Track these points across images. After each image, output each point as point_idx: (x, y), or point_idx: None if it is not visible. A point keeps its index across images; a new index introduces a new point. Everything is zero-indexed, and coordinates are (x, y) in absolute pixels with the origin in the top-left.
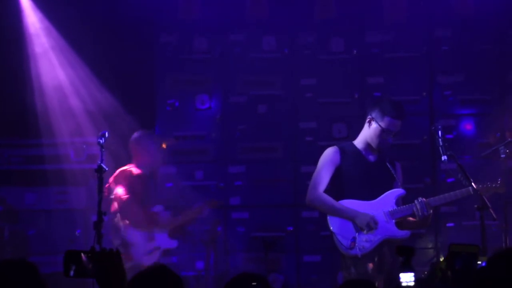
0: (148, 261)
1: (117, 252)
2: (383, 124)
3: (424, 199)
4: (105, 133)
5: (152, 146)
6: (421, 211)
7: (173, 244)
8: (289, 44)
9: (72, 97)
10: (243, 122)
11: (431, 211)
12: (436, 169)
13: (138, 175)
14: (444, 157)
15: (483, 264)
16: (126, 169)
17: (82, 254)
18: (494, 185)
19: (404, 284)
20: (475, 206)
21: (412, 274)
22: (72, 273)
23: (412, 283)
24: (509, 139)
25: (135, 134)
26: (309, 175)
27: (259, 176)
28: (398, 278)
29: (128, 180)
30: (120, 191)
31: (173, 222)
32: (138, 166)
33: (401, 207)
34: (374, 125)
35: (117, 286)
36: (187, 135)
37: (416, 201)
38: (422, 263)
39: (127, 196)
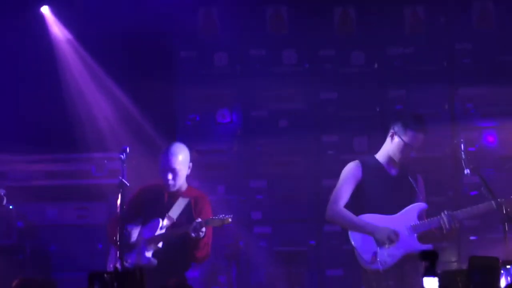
0: None
1: (140, 271)
2: (405, 138)
3: (450, 212)
4: (126, 148)
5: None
6: (448, 224)
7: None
8: (310, 58)
9: (95, 111)
10: (264, 136)
11: (457, 224)
12: (459, 182)
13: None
14: (467, 170)
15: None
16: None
17: (105, 275)
18: None
19: None
20: (499, 219)
21: (437, 279)
22: None
23: None
24: None
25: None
26: (331, 189)
27: (281, 190)
28: (421, 283)
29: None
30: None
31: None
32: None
33: (425, 221)
34: (396, 139)
35: None
36: (208, 149)
37: (442, 214)
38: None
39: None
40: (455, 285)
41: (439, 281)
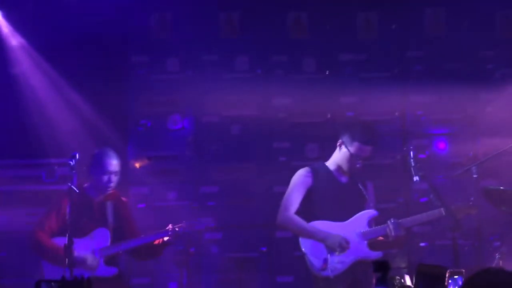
0: None
1: (87, 281)
2: (352, 149)
3: (396, 220)
4: (75, 155)
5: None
6: (394, 232)
7: (108, 271)
8: (262, 64)
9: (48, 116)
10: (216, 142)
11: (403, 232)
12: (409, 189)
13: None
14: (416, 178)
15: (459, 279)
16: None
17: (53, 284)
18: (466, 206)
19: None
20: (448, 226)
21: None
22: None
23: None
24: (481, 159)
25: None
26: (283, 195)
27: (232, 196)
28: None
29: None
30: None
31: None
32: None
33: (374, 228)
34: (344, 149)
35: None
36: (160, 155)
37: (389, 222)
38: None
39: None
40: None
41: None
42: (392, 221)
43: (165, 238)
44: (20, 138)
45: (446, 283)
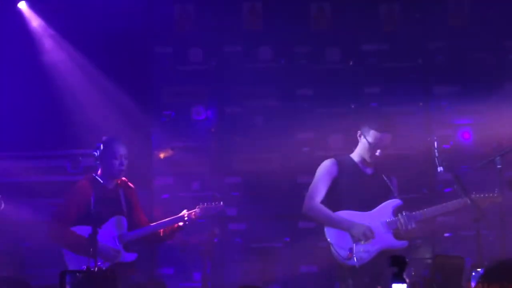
0: None
1: (112, 271)
2: (369, 139)
3: (409, 212)
4: (100, 145)
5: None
6: (404, 225)
7: (128, 257)
8: (285, 55)
9: (74, 106)
10: (240, 133)
11: (414, 225)
12: (433, 180)
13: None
14: (440, 168)
15: (481, 272)
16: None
17: (78, 274)
18: (490, 196)
19: None
20: (472, 217)
21: (405, 285)
22: None
23: None
24: (505, 150)
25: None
26: (306, 185)
27: (256, 187)
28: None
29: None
30: None
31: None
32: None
33: (395, 218)
34: (363, 139)
35: None
36: (184, 146)
37: (400, 215)
38: (419, 273)
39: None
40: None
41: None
42: (404, 214)
43: (180, 223)
44: (45, 129)
45: (463, 274)
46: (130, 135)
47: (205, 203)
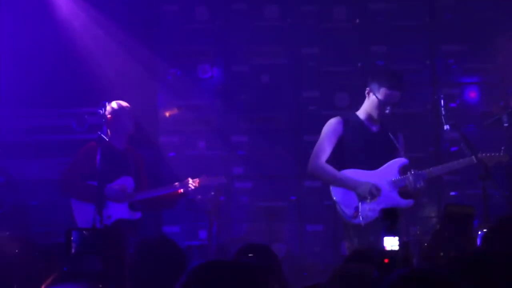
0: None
1: (117, 228)
2: (380, 96)
3: (418, 171)
4: (105, 103)
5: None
6: (413, 183)
7: (133, 215)
8: (292, 13)
9: (76, 65)
10: (246, 92)
11: (423, 184)
12: (440, 138)
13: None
14: (446, 127)
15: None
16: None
17: (84, 232)
18: (497, 154)
19: (388, 248)
20: (478, 175)
21: (397, 238)
22: (74, 250)
23: (396, 247)
24: None
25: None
26: (312, 144)
27: (262, 145)
28: (382, 241)
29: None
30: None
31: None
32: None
33: (403, 176)
34: (372, 97)
35: (119, 260)
36: (189, 104)
37: (408, 173)
38: (424, 232)
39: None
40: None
41: (400, 239)
42: (413, 172)
43: (181, 190)
44: (51, 87)
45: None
46: (136, 94)
47: (207, 175)
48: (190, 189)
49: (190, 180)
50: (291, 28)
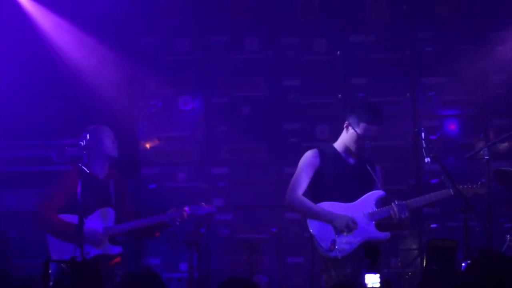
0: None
1: (95, 262)
2: (359, 130)
3: (402, 201)
4: (86, 135)
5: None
6: (398, 214)
7: (112, 250)
8: (272, 45)
9: (56, 98)
10: (227, 123)
11: (407, 214)
12: (420, 171)
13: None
14: (427, 159)
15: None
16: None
17: (62, 264)
18: (474, 186)
19: (369, 285)
20: (459, 208)
21: (378, 275)
22: (51, 283)
23: (377, 285)
24: (492, 141)
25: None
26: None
27: (243, 177)
28: (363, 279)
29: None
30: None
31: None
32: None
33: (381, 208)
34: (350, 130)
35: None
36: (170, 136)
37: (393, 204)
38: (406, 264)
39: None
40: None
41: (381, 277)
42: (397, 203)
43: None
44: (30, 119)
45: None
46: (117, 125)
47: (195, 204)
48: (179, 218)
49: (174, 210)
50: (271, 60)
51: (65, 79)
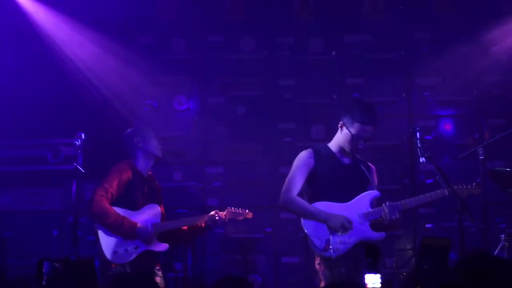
0: (120, 260)
1: (90, 261)
2: (353, 130)
3: (393, 202)
4: (81, 135)
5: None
6: (389, 215)
7: (158, 247)
8: (268, 45)
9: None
10: (222, 123)
11: (398, 215)
12: (415, 171)
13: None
14: (422, 159)
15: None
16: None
17: (56, 264)
18: (469, 186)
19: (369, 286)
20: (454, 208)
21: (379, 276)
22: (44, 282)
23: (378, 285)
24: (487, 141)
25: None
26: None
27: (238, 177)
28: (363, 279)
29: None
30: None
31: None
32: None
33: (376, 209)
34: (345, 130)
35: None
36: (166, 136)
37: (384, 205)
38: (401, 265)
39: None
40: None
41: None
42: (388, 204)
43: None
44: (27, 118)
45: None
46: (112, 125)
47: (234, 208)
48: (218, 221)
49: (215, 213)
50: (267, 60)
51: (61, 79)
